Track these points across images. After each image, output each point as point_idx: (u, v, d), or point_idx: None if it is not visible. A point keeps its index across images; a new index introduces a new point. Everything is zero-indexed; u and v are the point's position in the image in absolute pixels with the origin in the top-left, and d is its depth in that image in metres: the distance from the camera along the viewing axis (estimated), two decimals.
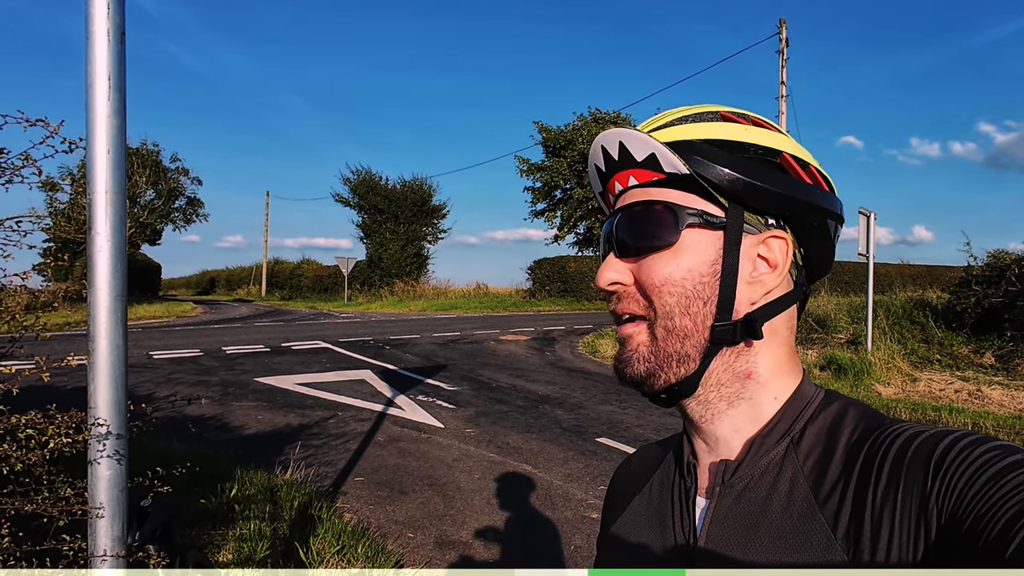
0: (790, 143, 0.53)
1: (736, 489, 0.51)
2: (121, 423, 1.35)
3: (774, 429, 0.51)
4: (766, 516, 0.48)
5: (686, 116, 0.53)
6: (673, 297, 0.50)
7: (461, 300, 23.02)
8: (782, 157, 0.51)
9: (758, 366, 0.52)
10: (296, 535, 2.95)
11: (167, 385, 6.98)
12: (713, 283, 0.50)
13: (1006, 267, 8.15)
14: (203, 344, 10.62)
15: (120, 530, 1.34)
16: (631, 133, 0.52)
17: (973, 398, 6.48)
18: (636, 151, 0.51)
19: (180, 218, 30.61)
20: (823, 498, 0.46)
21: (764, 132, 0.52)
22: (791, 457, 0.50)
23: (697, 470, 0.55)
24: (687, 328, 0.50)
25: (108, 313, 1.31)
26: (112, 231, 1.30)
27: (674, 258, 0.50)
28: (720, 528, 0.50)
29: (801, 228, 0.52)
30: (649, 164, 0.51)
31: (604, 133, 0.54)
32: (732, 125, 0.52)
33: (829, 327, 9.38)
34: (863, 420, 0.49)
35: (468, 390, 7.06)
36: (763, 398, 0.52)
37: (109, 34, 1.29)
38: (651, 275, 0.50)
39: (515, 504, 3.74)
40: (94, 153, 1.32)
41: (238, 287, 38.95)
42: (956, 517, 0.38)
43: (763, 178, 0.49)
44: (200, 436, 4.86)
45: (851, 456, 0.47)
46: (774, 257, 0.51)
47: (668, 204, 0.50)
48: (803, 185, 0.51)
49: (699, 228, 0.50)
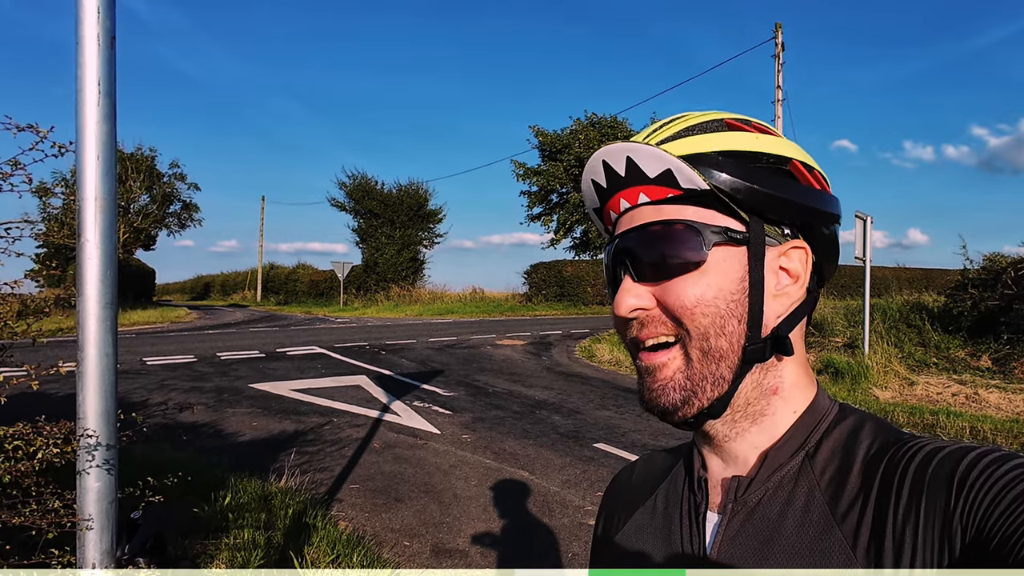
0: (796, 149, 0.52)
1: (749, 505, 0.49)
2: (111, 434, 1.32)
3: (788, 442, 0.50)
4: (780, 532, 0.47)
5: (692, 127, 0.51)
6: (707, 318, 0.48)
7: (457, 305, 22.99)
8: (792, 164, 0.50)
9: (784, 380, 0.51)
10: (290, 544, 2.92)
11: (160, 391, 6.92)
12: (743, 300, 0.48)
13: (1002, 270, 8.20)
14: (197, 350, 10.55)
15: (109, 543, 1.31)
16: (641, 148, 0.49)
17: (970, 401, 6.49)
18: (648, 167, 0.49)
19: (175, 223, 30.55)
20: (841, 514, 0.45)
21: (773, 140, 0.51)
22: (806, 471, 0.49)
23: (708, 484, 0.54)
24: (723, 349, 0.48)
25: (97, 321, 1.29)
26: (102, 238, 1.28)
27: (703, 278, 0.48)
28: (731, 546, 0.49)
29: (812, 235, 0.51)
30: (663, 180, 0.48)
31: (608, 148, 0.51)
32: (742, 135, 0.50)
33: (826, 330, 9.41)
34: (880, 434, 0.48)
35: (464, 395, 7.03)
36: (784, 413, 0.51)
37: (99, 39, 1.27)
38: (681, 297, 0.48)
39: (512, 511, 3.71)
40: (83, 159, 1.30)
41: (233, 292, 38.79)
42: (982, 536, 0.37)
43: (780, 188, 0.49)
44: (194, 443, 4.81)
45: (869, 471, 0.45)
46: (795, 268, 0.50)
47: (691, 223, 0.48)
48: (814, 192, 0.51)
49: (724, 246, 0.48)
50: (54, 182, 17.95)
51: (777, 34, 14.16)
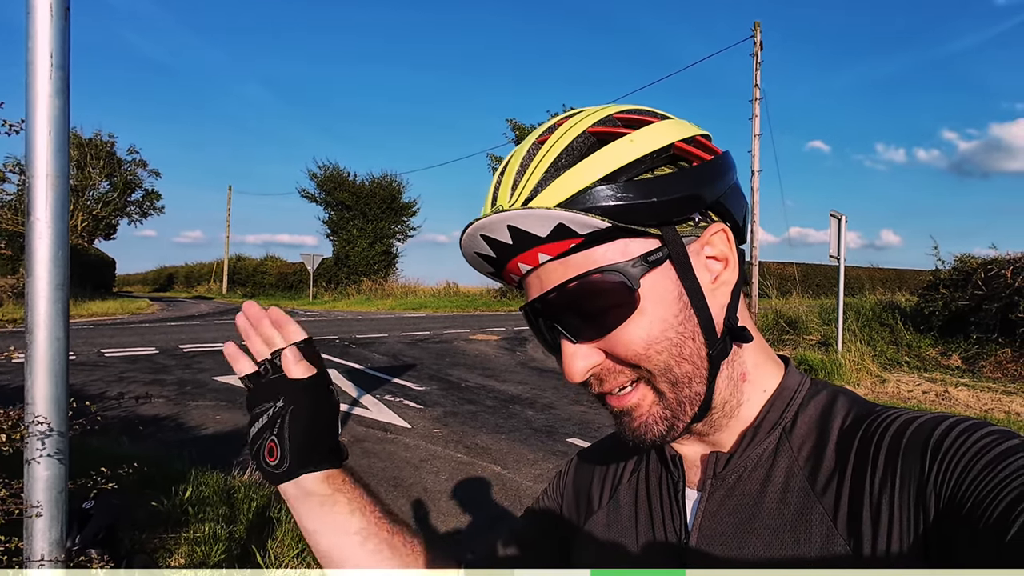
0: (672, 127, 0.47)
1: (728, 482, 0.50)
2: (61, 420, 1.27)
3: (765, 419, 0.50)
4: (761, 508, 0.47)
5: (559, 157, 0.45)
6: (663, 354, 0.46)
7: (431, 299, 22.84)
8: (675, 148, 0.46)
9: (747, 364, 0.51)
10: (253, 538, 2.86)
11: (119, 384, 6.69)
12: (689, 316, 0.46)
13: (972, 271, 8.47)
14: (159, 342, 10.22)
15: (59, 533, 1.26)
16: (521, 214, 0.44)
17: (940, 399, 6.67)
18: (536, 229, 0.44)
19: (136, 212, 29.53)
20: (820, 488, 0.45)
21: (647, 132, 0.46)
22: (784, 447, 0.49)
23: (684, 463, 0.53)
24: (689, 372, 0.47)
25: (48, 303, 1.23)
26: (53, 217, 1.22)
27: (643, 317, 0.45)
28: (713, 522, 0.49)
29: (721, 206, 0.48)
30: (559, 235, 0.44)
31: (481, 222, 0.45)
32: (615, 146, 0.45)
33: (800, 328, 9.65)
34: (854, 407, 0.49)
35: (436, 390, 6.99)
36: (755, 394, 0.51)
37: (52, 8, 1.21)
38: (630, 346, 0.45)
39: (483, 505, 3.71)
40: (34, 135, 1.24)
41: (198, 284, 37.69)
42: (955, 502, 0.37)
43: (676, 186, 0.45)
44: (154, 437, 4.67)
45: (845, 444, 0.46)
46: (721, 251, 0.48)
47: (608, 268, 0.44)
48: (706, 167, 0.47)
49: (649, 273, 0.45)
50: (6, 164, 17.11)
51: (756, 33, 14.35)
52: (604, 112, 0.48)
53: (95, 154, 25.94)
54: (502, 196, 0.47)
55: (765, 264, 19.89)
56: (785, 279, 17.38)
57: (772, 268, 21.58)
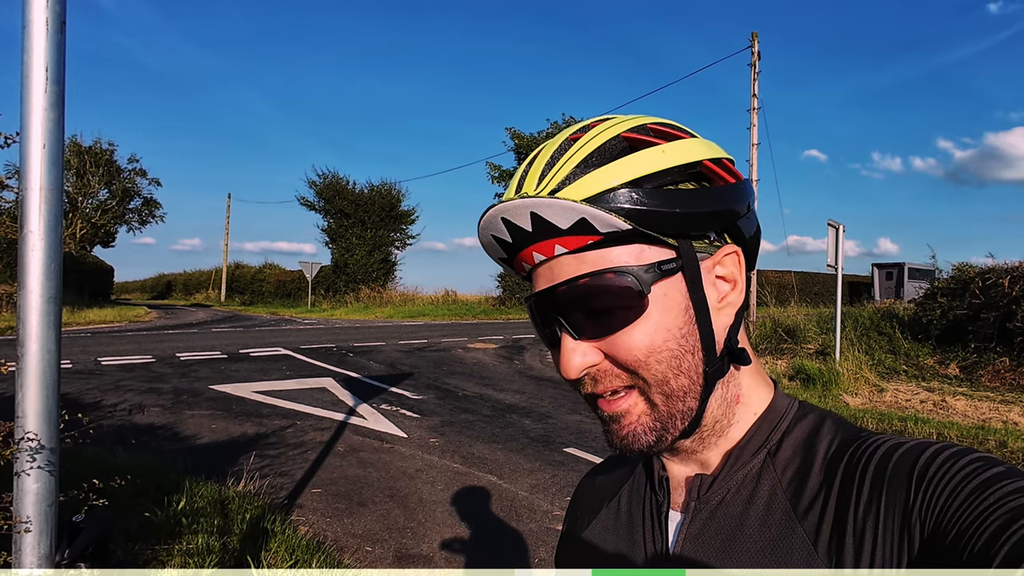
0: (701, 145, 0.48)
1: (712, 504, 0.50)
2: (52, 434, 1.27)
3: (750, 442, 0.50)
4: (743, 530, 0.47)
5: (590, 155, 0.46)
6: (662, 364, 0.46)
7: (429, 307, 22.81)
8: (702, 166, 0.47)
9: (742, 387, 0.51)
10: (247, 549, 2.84)
11: (115, 393, 6.66)
12: (692, 330, 0.46)
13: (970, 280, 8.48)
14: (156, 350, 10.19)
15: (48, 547, 1.25)
16: (546, 202, 0.44)
17: (938, 408, 6.64)
18: (559, 220, 0.45)
19: (135, 219, 29.57)
20: (803, 511, 0.45)
21: (678, 146, 0.47)
22: (768, 469, 0.49)
23: (670, 484, 0.54)
24: (685, 386, 0.47)
25: (40, 316, 1.23)
26: (46, 230, 1.23)
27: (648, 323, 0.45)
28: (695, 544, 0.49)
29: (737, 230, 0.50)
30: (579, 229, 0.45)
31: (504, 205, 0.46)
32: (646, 154, 0.46)
33: (798, 337, 9.63)
34: (840, 431, 0.49)
35: (433, 399, 6.97)
36: (745, 415, 0.51)
37: (48, 23, 1.22)
38: (631, 351, 0.45)
39: (479, 516, 3.69)
40: (29, 148, 1.24)
41: (196, 291, 37.64)
42: (940, 529, 0.37)
43: (699, 202, 0.46)
44: (149, 446, 4.64)
45: (831, 468, 0.46)
46: (731, 273, 0.49)
47: (622, 269, 0.45)
48: (729, 189, 0.48)
49: (661, 281, 0.45)
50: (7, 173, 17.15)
51: (754, 43, 14.39)
52: (639, 121, 0.49)
53: (95, 162, 26.01)
54: (528, 184, 0.47)
55: (763, 272, 19.91)
56: (783, 287, 17.38)
57: (770, 276, 21.62)
